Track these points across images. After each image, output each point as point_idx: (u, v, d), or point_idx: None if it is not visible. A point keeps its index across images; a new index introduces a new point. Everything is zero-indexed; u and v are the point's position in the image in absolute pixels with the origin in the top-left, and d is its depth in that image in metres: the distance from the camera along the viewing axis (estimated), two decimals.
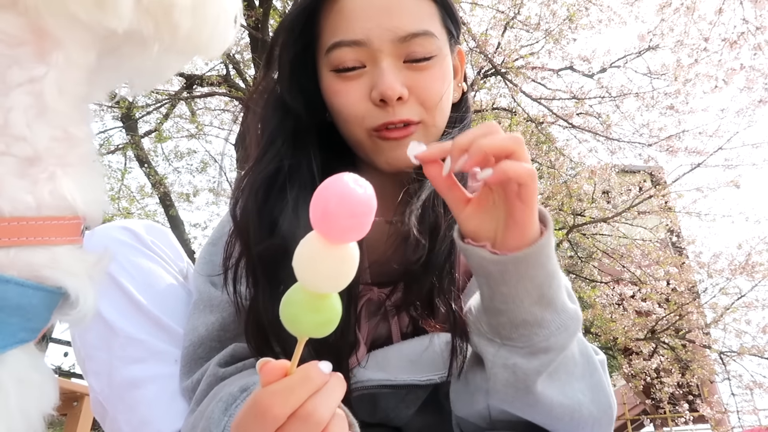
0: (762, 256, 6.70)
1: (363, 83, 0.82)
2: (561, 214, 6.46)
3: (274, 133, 0.87)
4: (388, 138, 0.83)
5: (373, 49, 0.81)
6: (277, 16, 6.06)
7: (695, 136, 6.52)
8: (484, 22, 6.36)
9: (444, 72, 0.86)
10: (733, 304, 6.72)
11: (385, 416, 0.93)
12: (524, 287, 0.67)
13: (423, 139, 0.84)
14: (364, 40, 0.81)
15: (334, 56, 0.83)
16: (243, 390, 0.72)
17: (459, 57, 0.95)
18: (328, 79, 0.85)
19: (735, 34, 5.82)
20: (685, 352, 6.87)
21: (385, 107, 0.81)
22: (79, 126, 0.50)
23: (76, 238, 0.49)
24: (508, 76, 6.03)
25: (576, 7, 6.29)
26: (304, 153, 0.86)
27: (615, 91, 6.61)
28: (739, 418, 6.98)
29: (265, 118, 0.89)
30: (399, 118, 0.82)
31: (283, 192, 0.83)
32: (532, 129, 6.17)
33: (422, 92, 0.83)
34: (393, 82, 0.80)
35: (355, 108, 0.83)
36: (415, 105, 0.83)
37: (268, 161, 0.85)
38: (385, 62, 0.81)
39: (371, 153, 0.85)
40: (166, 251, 1.00)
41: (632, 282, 6.90)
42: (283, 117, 0.87)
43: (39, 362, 0.49)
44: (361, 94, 0.82)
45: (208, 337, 0.86)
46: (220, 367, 0.82)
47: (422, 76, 0.83)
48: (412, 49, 0.82)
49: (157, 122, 7.62)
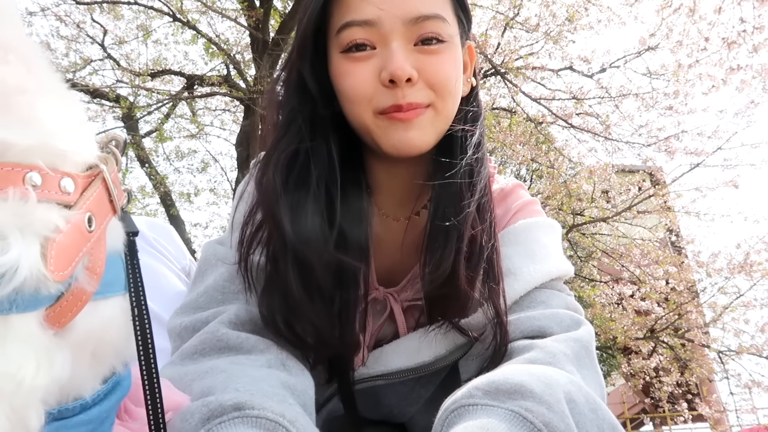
0: (760, 256, 6.71)
1: (372, 64, 0.81)
2: (560, 214, 6.48)
3: (293, 113, 0.86)
4: (396, 119, 0.81)
5: (383, 30, 0.80)
6: (278, 16, 6.09)
7: (694, 136, 6.54)
8: (483, 22, 6.39)
9: (455, 58, 0.84)
10: (731, 304, 6.73)
11: (388, 412, 0.93)
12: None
13: (431, 127, 0.83)
14: (374, 20, 0.79)
15: (344, 36, 0.81)
16: (236, 408, 0.61)
17: (469, 52, 0.93)
18: (337, 61, 0.83)
19: (734, 33, 5.84)
20: (684, 351, 6.88)
21: (394, 88, 0.80)
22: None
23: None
24: (507, 76, 6.06)
25: (575, 7, 6.30)
26: (322, 136, 0.84)
27: (614, 92, 6.62)
28: (737, 417, 7.00)
29: (285, 99, 0.88)
30: (407, 101, 0.80)
31: (306, 171, 0.83)
32: (531, 129, 6.19)
33: (432, 76, 0.81)
34: (403, 63, 0.78)
35: (363, 89, 0.81)
36: (424, 88, 0.81)
37: (290, 141, 0.84)
38: (395, 43, 0.80)
39: (377, 137, 0.83)
40: (168, 249, 1.01)
41: (631, 281, 6.92)
42: (302, 99, 0.86)
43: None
44: (369, 74, 0.81)
45: (213, 286, 0.84)
46: (222, 326, 0.76)
47: (432, 60, 0.81)
48: (423, 32, 0.80)
49: (158, 122, 7.65)
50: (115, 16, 6.82)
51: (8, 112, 0.44)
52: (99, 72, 7.02)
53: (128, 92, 6.89)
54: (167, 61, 7.53)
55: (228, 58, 6.33)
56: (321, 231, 0.79)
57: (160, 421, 0.55)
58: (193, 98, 7.32)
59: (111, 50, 6.97)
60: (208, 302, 0.82)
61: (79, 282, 0.45)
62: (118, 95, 6.71)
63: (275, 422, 0.60)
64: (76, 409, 0.48)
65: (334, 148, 0.84)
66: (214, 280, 0.84)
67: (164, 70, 7.21)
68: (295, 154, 0.83)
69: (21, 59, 0.47)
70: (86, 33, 6.71)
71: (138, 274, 0.55)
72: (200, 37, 6.39)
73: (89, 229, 0.47)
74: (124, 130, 7.10)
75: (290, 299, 0.77)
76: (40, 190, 0.43)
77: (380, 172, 0.92)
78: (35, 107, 0.46)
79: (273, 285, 0.80)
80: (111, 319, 0.50)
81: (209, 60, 7.01)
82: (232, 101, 7.19)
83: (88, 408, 0.48)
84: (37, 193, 0.43)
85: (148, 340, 0.54)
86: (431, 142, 0.84)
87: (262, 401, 0.62)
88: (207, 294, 0.83)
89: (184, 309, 0.83)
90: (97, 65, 6.97)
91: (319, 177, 0.82)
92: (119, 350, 0.52)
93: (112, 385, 0.52)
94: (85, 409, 0.48)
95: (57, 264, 0.43)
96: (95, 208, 0.49)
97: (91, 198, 0.48)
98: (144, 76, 6.81)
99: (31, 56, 0.48)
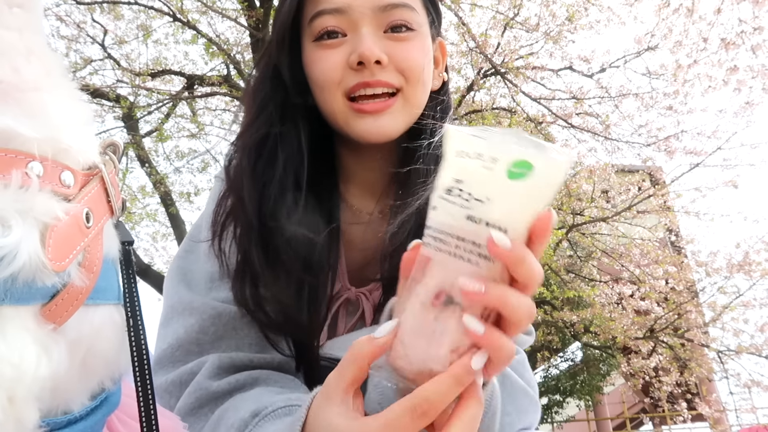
0: (760, 255, 6.71)
1: (342, 50, 0.83)
2: (560, 214, 6.47)
3: (265, 100, 0.88)
4: (364, 111, 0.83)
5: (354, 17, 0.82)
6: None
7: (694, 136, 6.54)
8: (483, 22, 6.39)
9: (424, 47, 0.87)
10: (731, 303, 6.73)
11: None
12: None
13: (401, 116, 0.85)
14: (345, 7, 0.82)
15: (315, 24, 0.84)
16: (254, 415, 0.69)
17: (440, 48, 0.96)
18: (309, 50, 0.86)
19: (733, 33, 5.84)
20: (683, 350, 6.88)
21: (362, 70, 0.82)
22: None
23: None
24: (507, 76, 6.06)
25: (575, 7, 6.30)
26: (292, 123, 0.86)
27: (614, 92, 6.62)
28: (737, 416, 7.00)
29: (258, 86, 0.91)
30: (377, 78, 0.82)
31: (273, 155, 0.85)
32: (531, 129, 6.19)
33: (402, 61, 0.83)
34: (371, 45, 0.81)
35: (332, 73, 0.83)
36: (393, 71, 0.83)
37: (259, 126, 0.86)
38: (365, 29, 0.82)
39: (345, 124, 0.85)
40: None
41: (631, 281, 6.91)
42: (275, 86, 0.88)
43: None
44: (339, 60, 0.83)
45: (186, 339, 0.83)
46: (211, 380, 0.78)
47: (402, 46, 0.84)
48: (392, 19, 0.83)
49: (158, 122, 7.65)
50: (116, 16, 6.82)
51: (20, 105, 0.46)
52: (99, 72, 7.02)
53: (128, 92, 6.90)
54: (167, 61, 7.53)
55: (228, 58, 6.33)
56: (287, 212, 0.81)
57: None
58: (193, 98, 7.33)
59: (111, 50, 6.97)
60: (186, 355, 0.83)
61: (75, 279, 0.46)
62: (118, 95, 6.71)
63: (288, 406, 0.67)
64: (62, 423, 0.48)
65: (303, 135, 0.86)
66: (186, 333, 0.83)
67: (164, 70, 7.21)
68: (265, 138, 0.85)
69: (42, 62, 0.49)
70: (86, 33, 6.71)
71: (134, 283, 0.55)
72: (200, 37, 6.39)
73: (87, 225, 0.47)
74: (124, 130, 7.11)
75: (258, 280, 0.80)
76: (40, 180, 0.44)
77: (350, 161, 0.93)
78: (46, 105, 0.48)
79: (244, 266, 0.82)
80: (101, 328, 0.50)
81: (209, 60, 7.01)
82: (232, 101, 7.18)
83: (74, 422, 0.48)
84: (38, 182, 0.44)
85: (143, 352, 0.54)
86: (401, 129, 0.86)
87: (273, 400, 0.70)
88: (183, 348, 0.83)
89: (162, 363, 0.83)
90: (97, 65, 6.97)
91: (286, 161, 0.84)
92: (109, 362, 0.52)
93: (100, 401, 0.52)
94: (72, 423, 0.48)
95: (55, 253, 0.43)
96: (93, 205, 0.49)
97: (90, 194, 0.49)
98: (144, 76, 6.82)
99: (51, 61, 0.51)
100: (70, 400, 0.48)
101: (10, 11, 0.47)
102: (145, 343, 0.54)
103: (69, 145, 0.48)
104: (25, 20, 0.49)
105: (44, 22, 0.56)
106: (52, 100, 0.49)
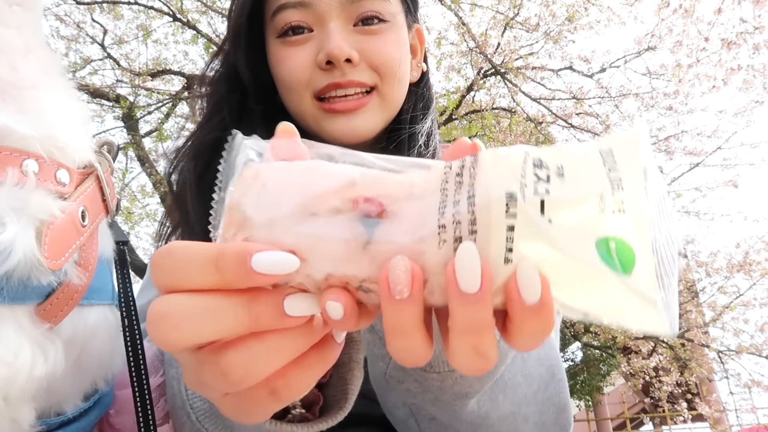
0: (760, 255, 6.71)
1: (309, 48, 0.75)
2: None
3: (220, 102, 0.81)
4: (336, 111, 0.75)
5: (319, 11, 0.74)
6: None
7: (694, 136, 6.55)
8: (483, 22, 6.38)
9: (398, 39, 0.79)
10: (731, 303, 6.74)
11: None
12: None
13: (377, 114, 0.78)
14: (309, 0, 0.74)
15: (278, 19, 0.76)
16: None
17: (418, 35, 0.88)
18: (273, 47, 0.78)
19: (734, 33, 5.84)
20: (683, 350, 6.88)
21: (332, 70, 0.74)
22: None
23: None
24: (507, 76, 6.06)
25: (575, 7, 6.30)
26: (249, 126, 0.77)
27: (614, 92, 6.62)
28: (737, 416, 6.99)
29: (212, 90, 0.84)
30: (348, 78, 0.74)
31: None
32: (531, 129, 6.19)
33: (374, 57, 0.76)
34: (340, 42, 0.73)
35: (300, 74, 0.75)
36: (366, 69, 0.76)
37: (211, 129, 0.79)
38: (333, 24, 0.74)
39: (315, 125, 0.77)
40: None
41: None
42: (232, 89, 0.81)
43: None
44: (306, 58, 0.75)
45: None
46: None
47: (374, 40, 0.76)
48: (362, 10, 0.75)
49: (158, 122, 7.65)
50: (115, 16, 6.82)
51: (16, 103, 0.46)
52: (99, 72, 7.02)
53: (128, 92, 6.90)
54: (167, 61, 7.53)
55: None
56: None
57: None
58: (193, 98, 7.32)
59: (111, 50, 6.97)
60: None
61: (72, 278, 0.45)
62: (118, 95, 6.71)
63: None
64: (55, 424, 0.47)
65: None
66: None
67: (164, 70, 7.21)
68: (216, 142, 0.76)
69: (40, 61, 0.49)
70: (86, 33, 6.71)
71: (128, 283, 0.55)
72: (200, 37, 6.39)
73: (83, 223, 0.47)
74: (124, 130, 7.11)
75: None
76: (36, 178, 0.44)
77: None
78: (43, 103, 0.48)
79: None
80: (96, 328, 0.50)
81: None
82: None
83: (67, 424, 0.48)
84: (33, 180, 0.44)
85: (139, 352, 0.53)
86: (376, 129, 0.79)
87: None
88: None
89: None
90: (97, 65, 6.97)
91: None
92: (103, 364, 0.52)
93: (93, 402, 0.52)
94: (65, 425, 0.48)
95: (51, 251, 0.43)
96: (88, 203, 0.49)
97: (85, 193, 0.49)
98: (144, 76, 6.82)
99: (49, 60, 0.51)
100: (64, 401, 0.48)
101: (10, 9, 0.48)
102: (140, 344, 0.53)
103: (65, 143, 0.48)
104: (25, 19, 0.49)
105: (44, 21, 0.56)
106: (48, 98, 0.49)
